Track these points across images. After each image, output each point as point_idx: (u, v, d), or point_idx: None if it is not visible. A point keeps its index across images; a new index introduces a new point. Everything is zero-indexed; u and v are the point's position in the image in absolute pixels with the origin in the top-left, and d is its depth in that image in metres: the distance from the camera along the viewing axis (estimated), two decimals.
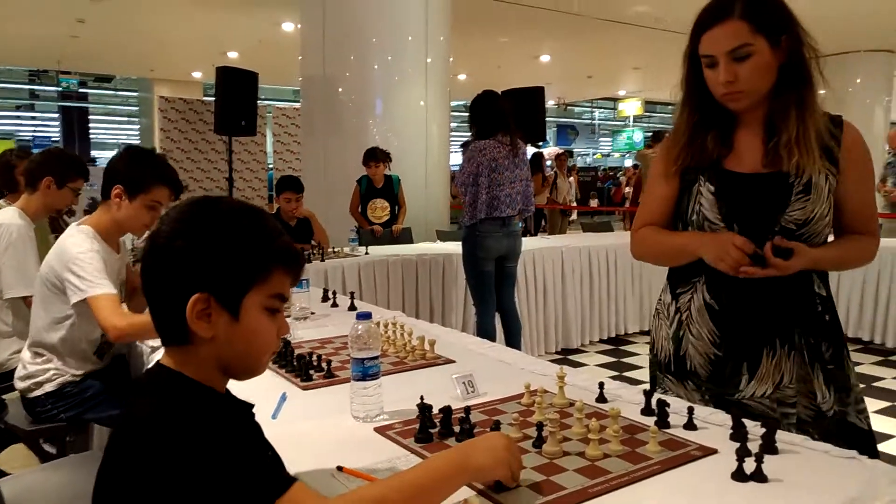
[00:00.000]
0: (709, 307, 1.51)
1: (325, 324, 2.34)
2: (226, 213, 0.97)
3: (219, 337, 0.95)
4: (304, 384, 1.66)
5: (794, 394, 1.45)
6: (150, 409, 0.91)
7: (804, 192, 1.41)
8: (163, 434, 0.86)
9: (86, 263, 2.00)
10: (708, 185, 1.49)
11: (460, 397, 1.49)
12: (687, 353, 1.55)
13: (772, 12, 1.39)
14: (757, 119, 1.47)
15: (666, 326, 1.61)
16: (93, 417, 2.18)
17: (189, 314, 0.92)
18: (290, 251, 1.00)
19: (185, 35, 10.78)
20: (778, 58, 1.39)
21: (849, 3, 8.18)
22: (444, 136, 6.34)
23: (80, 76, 17.91)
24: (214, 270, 0.93)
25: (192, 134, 9.73)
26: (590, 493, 1.06)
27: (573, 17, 8.79)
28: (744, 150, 1.49)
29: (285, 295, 1.01)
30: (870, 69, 11.20)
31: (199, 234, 0.94)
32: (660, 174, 1.57)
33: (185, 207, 0.98)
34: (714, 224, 1.48)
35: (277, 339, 1.03)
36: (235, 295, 0.95)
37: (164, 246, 0.94)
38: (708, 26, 1.40)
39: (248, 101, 6.61)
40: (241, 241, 0.95)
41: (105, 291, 1.98)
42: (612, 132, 28.64)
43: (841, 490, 1.04)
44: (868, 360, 4.94)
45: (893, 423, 3.74)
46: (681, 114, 1.55)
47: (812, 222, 1.42)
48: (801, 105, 1.40)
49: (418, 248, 4.97)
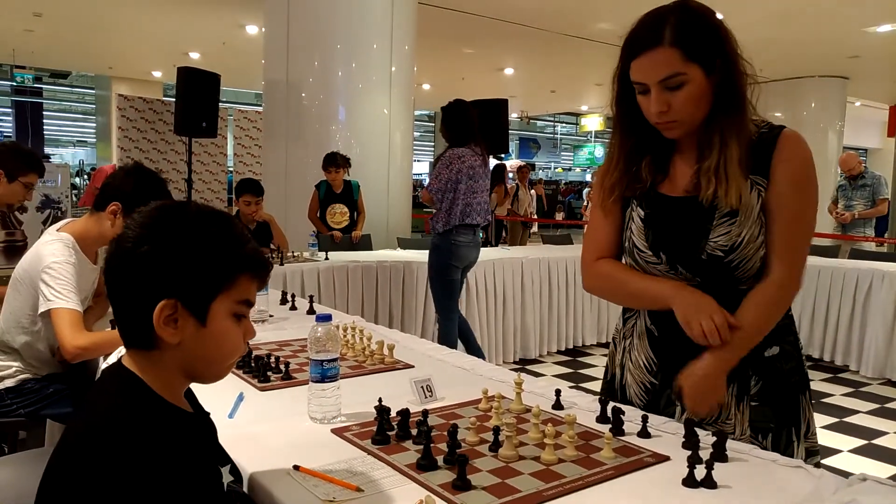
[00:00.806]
0: (649, 332, 1.46)
1: (283, 327, 2.32)
2: (193, 218, 0.96)
3: (185, 342, 0.94)
4: (262, 385, 1.64)
5: (733, 430, 1.36)
6: (102, 414, 0.90)
7: (729, 216, 1.32)
8: (111, 444, 0.85)
9: (58, 275, 1.96)
10: (639, 209, 1.43)
11: (418, 401, 1.49)
12: (626, 381, 1.52)
13: (704, 37, 1.27)
14: (691, 142, 1.38)
15: (617, 353, 1.57)
16: (51, 413, 2.14)
17: (156, 320, 0.91)
18: (257, 258, 1.00)
19: (146, 33, 10.57)
20: (713, 82, 1.29)
21: (804, 29, 8.47)
22: (408, 144, 6.35)
23: (35, 71, 17.42)
24: (182, 276, 0.92)
25: (151, 134, 9.55)
26: (544, 497, 1.07)
27: (537, 32, 8.92)
28: (678, 173, 1.41)
29: (251, 300, 1.01)
30: (824, 94, 11.54)
31: (166, 239, 0.93)
32: (598, 205, 1.50)
33: (152, 212, 0.96)
34: (642, 252, 1.42)
35: (244, 344, 1.02)
36: (203, 301, 0.94)
37: (130, 251, 0.92)
38: (637, 53, 1.29)
39: (209, 102, 6.52)
40: (208, 248, 0.95)
41: (70, 307, 1.94)
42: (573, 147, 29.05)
43: (787, 497, 1.07)
44: (818, 376, 5.09)
45: (840, 438, 3.87)
46: (613, 137, 1.46)
47: (740, 247, 1.32)
48: (727, 131, 1.30)
49: (379, 254, 4.95)
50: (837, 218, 6.81)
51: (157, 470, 0.84)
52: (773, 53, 9.20)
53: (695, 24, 1.27)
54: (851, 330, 5.09)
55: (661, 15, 1.28)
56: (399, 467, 1.17)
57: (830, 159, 10.99)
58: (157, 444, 0.87)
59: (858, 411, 4.37)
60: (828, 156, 11.09)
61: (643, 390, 1.48)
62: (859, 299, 5.03)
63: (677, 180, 1.40)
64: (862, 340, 5.03)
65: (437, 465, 1.16)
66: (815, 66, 10.68)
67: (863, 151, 20.27)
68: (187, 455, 0.90)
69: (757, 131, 1.35)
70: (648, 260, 1.42)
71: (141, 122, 9.50)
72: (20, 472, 1.71)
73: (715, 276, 1.35)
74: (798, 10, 7.60)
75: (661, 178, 1.42)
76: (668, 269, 1.39)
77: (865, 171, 6.77)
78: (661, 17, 1.28)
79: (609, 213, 1.48)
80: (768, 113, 8.13)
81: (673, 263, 1.38)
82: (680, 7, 1.29)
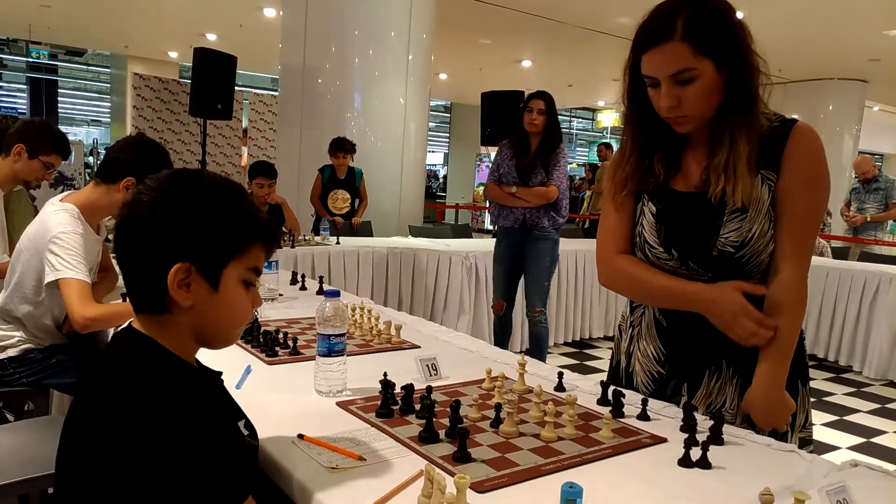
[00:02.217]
0: (657, 323, 1.47)
1: (293, 306, 2.36)
2: (207, 185, 0.99)
3: (197, 306, 0.96)
4: (270, 359, 1.67)
5: (732, 419, 1.39)
6: (123, 374, 0.92)
7: (740, 212, 1.32)
8: (134, 403, 0.87)
9: (67, 245, 1.96)
10: (651, 204, 1.43)
11: (423, 379, 1.52)
12: (634, 369, 1.54)
13: (717, 31, 1.25)
14: (703, 137, 1.37)
15: (624, 341, 1.58)
16: (54, 383, 2.16)
17: (171, 283, 0.93)
18: (268, 227, 1.03)
19: (163, 13, 10.58)
20: (724, 77, 1.28)
21: (823, 30, 8.39)
22: (422, 134, 6.36)
23: (51, 48, 17.51)
24: (197, 241, 0.95)
25: (166, 114, 9.60)
26: (542, 471, 1.10)
27: (556, 24, 8.88)
28: (690, 169, 1.40)
29: (260, 268, 1.04)
30: (842, 97, 11.41)
31: (181, 204, 0.95)
32: (610, 198, 1.50)
33: (166, 178, 0.98)
34: (653, 248, 1.42)
35: (251, 311, 1.05)
36: (216, 266, 0.97)
37: (145, 215, 0.94)
38: (648, 47, 1.28)
39: (225, 84, 6.55)
40: (223, 214, 0.97)
41: (79, 277, 1.95)
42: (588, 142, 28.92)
43: (779, 478, 1.10)
44: (820, 376, 5.11)
45: (840, 436, 3.89)
46: (625, 131, 1.46)
47: (750, 243, 1.32)
48: (737, 128, 1.30)
49: (390, 241, 4.99)
50: (849, 220, 6.79)
51: (182, 425, 0.86)
52: (792, 54, 9.12)
53: (708, 16, 1.25)
54: (857, 331, 5.10)
55: (674, 7, 1.25)
56: (401, 439, 1.20)
57: (845, 163, 10.91)
58: (178, 400, 0.89)
59: (859, 410, 4.39)
60: (843, 159, 11.01)
61: (650, 379, 1.50)
62: (866, 301, 5.03)
63: (689, 176, 1.40)
64: (867, 342, 5.04)
65: (438, 438, 1.19)
66: (834, 68, 10.57)
67: (879, 156, 20.10)
68: (208, 409, 0.93)
69: (769, 125, 1.34)
70: (660, 256, 1.41)
71: (156, 101, 9.55)
72: (25, 439, 1.75)
73: (726, 271, 1.35)
74: (818, 10, 7.53)
75: (674, 173, 1.41)
76: (680, 266, 1.39)
77: (880, 174, 6.74)
78: (673, 9, 1.25)
79: (621, 207, 1.48)
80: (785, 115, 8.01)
81: (685, 259, 1.38)
82: (693, 0, 1.26)
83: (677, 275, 1.40)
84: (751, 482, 1.06)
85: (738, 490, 1.06)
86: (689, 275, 1.39)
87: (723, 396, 1.40)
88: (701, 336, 1.38)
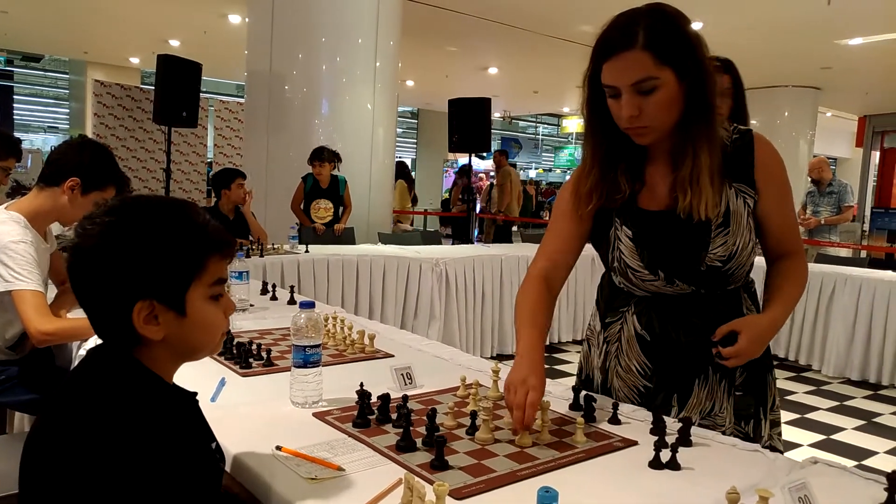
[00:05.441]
0: (640, 338, 1.46)
1: (264, 316, 2.35)
2: (153, 214, 0.96)
3: (170, 335, 0.96)
4: (244, 371, 1.67)
5: (723, 422, 1.43)
6: (97, 393, 0.91)
7: (723, 225, 1.35)
8: (109, 424, 0.86)
9: (18, 255, 1.89)
10: (625, 228, 1.42)
11: (398, 388, 1.54)
12: (613, 385, 1.53)
13: (676, 41, 1.25)
14: (664, 150, 1.37)
15: (596, 356, 1.58)
16: (4, 401, 2.09)
17: (136, 322, 0.93)
18: (220, 236, 1.01)
19: (125, 18, 10.40)
20: (684, 88, 1.28)
21: (778, 39, 8.64)
22: (391, 140, 6.37)
23: (7, 53, 17.08)
24: (153, 275, 0.93)
25: (128, 121, 9.45)
26: (518, 476, 1.13)
27: (521, 32, 8.98)
28: (656, 185, 1.40)
29: (224, 277, 1.03)
30: (797, 103, 11.78)
31: (130, 242, 0.92)
32: (569, 211, 1.47)
33: (108, 215, 0.95)
34: (637, 271, 1.42)
35: (226, 320, 1.05)
36: (178, 293, 0.96)
37: (96, 259, 0.92)
38: (609, 56, 1.27)
39: (189, 91, 6.46)
40: (173, 239, 0.95)
41: (33, 288, 1.88)
42: (554, 148, 29.20)
43: (745, 477, 1.14)
44: (782, 375, 5.25)
45: (801, 433, 4.02)
46: (586, 142, 1.43)
47: (736, 255, 1.36)
48: (698, 139, 1.30)
49: (359, 248, 4.99)
50: (804, 223, 6.99)
51: (156, 446, 0.86)
52: (749, 62, 9.31)
53: (667, 27, 1.26)
54: (815, 331, 5.26)
55: (634, 17, 1.26)
56: (379, 448, 1.22)
57: (802, 167, 11.20)
58: (153, 421, 0.89)
59: (819, 408, 4.53)
60: (799, 164, 11.33)
61: (636, 393, 1.50)
62: (823, 302, 5.20)
63: (655, 190, 1.40)
64: (825, 341, 5.20)
65: (415, 447, 1.21)
66: (788, 75, 10.90)
67: (832, 160, 20.69)
68: (187, 431, 0.93)
69: (729, 136, 1.38)
70: (644, 278, 1.43)
71: (118, 109, 9.40)
72: None
73: (712, 285, 1.40)
74: (773, 20, 7.75)
75: (640, 187, 1.42)
76: (666, 284, 1.42)
77: (833, 179, 6.96)
78: (633, 19, 1.26)
79: (581, 221, 1.47)
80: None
81: (671, 278, 1.40)
82: (652, 10, 1.27)
83: (662, 292, 1.43)
84: (718, 482, 1.10)
85: (706, 490, 1.10)
86: (673, 291, 1.42)
87: (711, 401, 1.44)
88: (687, 347, 1.42)
